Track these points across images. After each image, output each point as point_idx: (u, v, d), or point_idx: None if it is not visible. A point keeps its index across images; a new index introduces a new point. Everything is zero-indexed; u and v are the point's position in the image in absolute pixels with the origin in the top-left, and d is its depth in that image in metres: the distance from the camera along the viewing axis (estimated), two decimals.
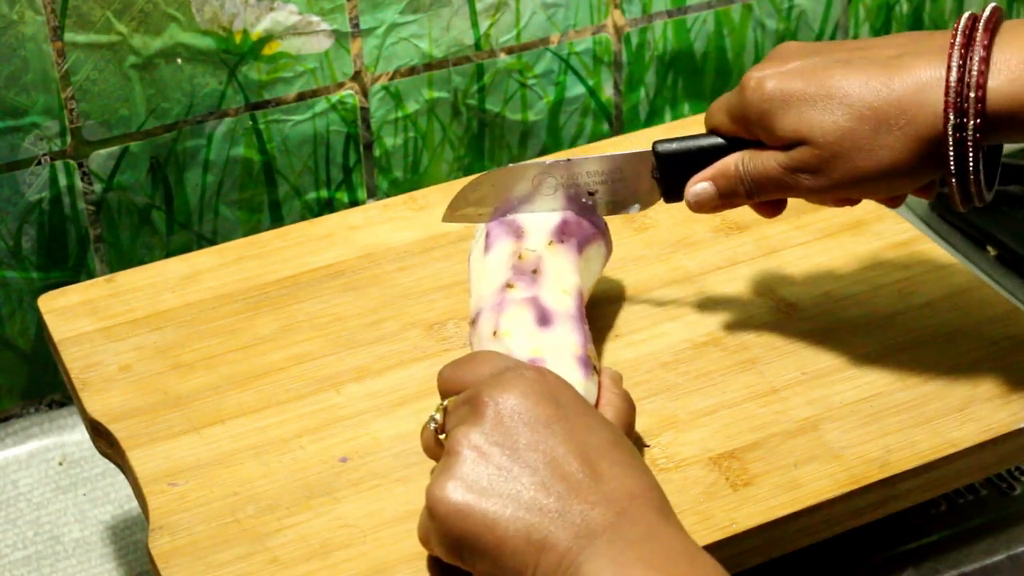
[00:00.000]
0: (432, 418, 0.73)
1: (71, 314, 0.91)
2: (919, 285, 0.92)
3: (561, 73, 1.13)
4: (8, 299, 1.01)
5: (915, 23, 1.25)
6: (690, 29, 1.15)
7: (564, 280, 0.83)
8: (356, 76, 1.06)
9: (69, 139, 0.98)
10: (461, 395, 0.72)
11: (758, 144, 0.80)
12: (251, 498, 0.78)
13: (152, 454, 0.81)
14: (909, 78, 0.74)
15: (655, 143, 0.84)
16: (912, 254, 0.95)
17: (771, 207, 0.83)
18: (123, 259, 1.03)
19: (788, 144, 0.78)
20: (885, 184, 0.77)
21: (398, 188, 1.11)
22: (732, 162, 0.81)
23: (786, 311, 0.90)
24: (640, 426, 0.82)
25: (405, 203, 1.01)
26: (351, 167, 1.09)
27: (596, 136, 1.16)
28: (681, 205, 0.84)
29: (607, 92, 1.15)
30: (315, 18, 1.02)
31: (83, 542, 0.96)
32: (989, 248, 1.13)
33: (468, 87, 1.10)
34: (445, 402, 0.73)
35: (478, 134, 1.12)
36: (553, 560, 0.64)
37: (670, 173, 0.84)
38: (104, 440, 0.84)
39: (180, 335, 0.89)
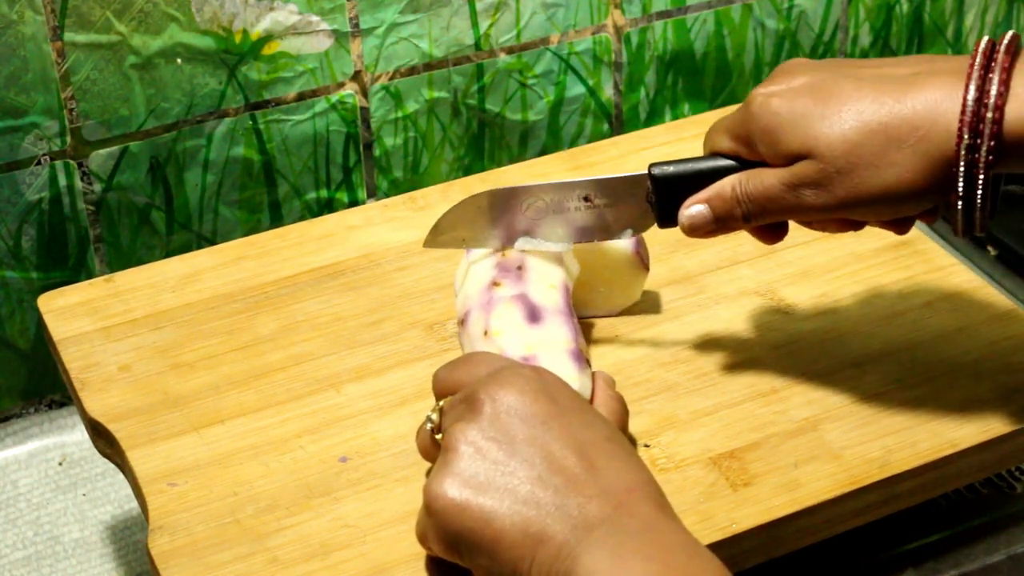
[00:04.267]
0: (428, 418, 0.73)
1: (71, 314, 0.91)
2: (919, 285, 0.92)
3: (561, 73, 1.13)
4: (8, 299, 1.01)
5: (915, 23, 1.25)
6: (690, 29, 1.15)
7: (550, 275, 0.83)
8: (356, 76, 1.06)
9: (69, 139, 0.98)
10: (458, 395, 0.72)
11: (759, 166, 0.78)
12: (251, 498, 0.78)
13: (152, 454, 0.81)
14: (923, 96, 0.72)
15: (651, 165, 0.81)
16: (912, 254, 0.95)
17: (770, 233, 0.80)
18: (123, 259, 1.03)
19: (792, 160, 0.75)
20: (891, 205, 0.74)
21: (398, 188, 1.11)
22: (729, 183, 0.78)
23: (786, 311, 0.90)
24: (640, 426, 0.82)
25: (405, 203, 1.01)
26: (351, 167, 1.08)
27: (596, 136, 1.16)
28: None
29: (607, 92, 1.15)
30: (315, 18, 1.02)
31: (83, 542, 0.96)
32: (989, 248, 1.13)
33: (468, 87, 1.10)
34: (441, 402, 0.73)
35: (478, 134, 1.12)
36: (550, 552, 0.64)
37: (666, 197, 0.80)
38: (104, 440, 0.84)
39: (180, 335, 0.89)
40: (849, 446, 0.80)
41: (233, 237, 1.05)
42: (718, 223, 0.79)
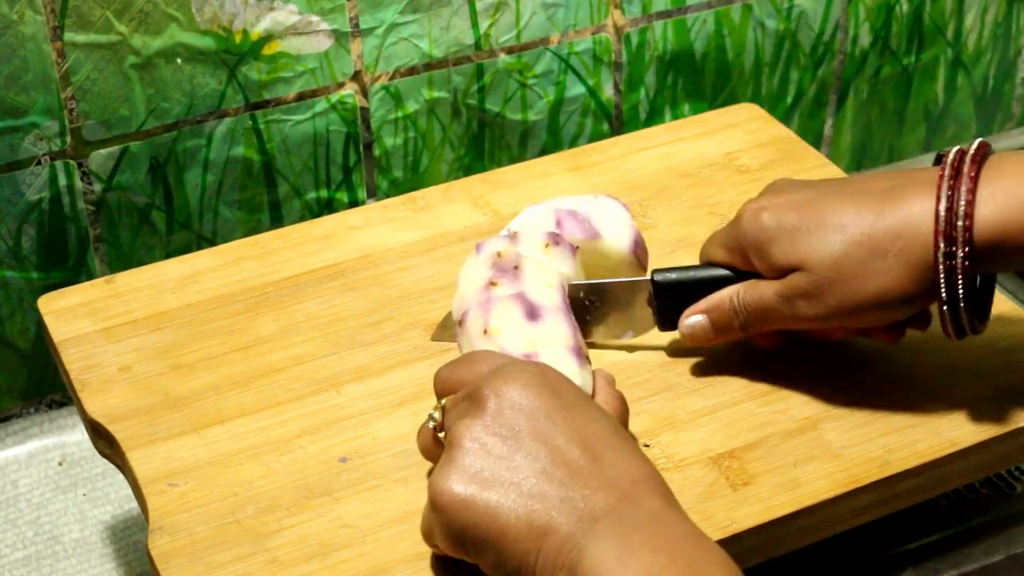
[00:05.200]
0: (431, 416, 0.73)
1: (71, 315, 0.91)
2: None
3: (561, 73, 1.13)
4: (8, 299, 1.01)
5: (915, 23, 1.25)
6: (690, 29, 1.15)
7: (547, 274, 0.83)
8: (356, 76, 1.06)
9: (69, 139, 0.98)
10: (460, 392, 0.72)
11: (754, 275, 0.82)
12: (251, 498, 0.78)
13: (152, 455, 0.81)
14: (901, 208, 0.77)
15: (653, 272, 0.85)
16: None
17: (769, 341, 0.85)
18: (123, 259, 1.03)
19: (784, 272, 0.79)
20: (880, 310, 0.78)
21: (398, 188, 1.11)
22: (727, 295, 0.83)
23: None
24: (640, 426, 0.82)
25: (405, 203, 1.01)
26: (351, 167, 1.09)
27: (596, 136, 1.16)
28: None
29: (607, 92, 1.15)
30: (315, 18, 1.02)
31: (83, 542, 0.96)
32: None
33: (468, 87, 1.10)
34: (443, 401, 0.73)
35: (478, 134, 1.12)
36: (555, 544, 0.65)
37: (667, 302, 0.84)
38: (104, 440, 0.84)
39: (180, 336, 0.89)
40: (849, 446, 0.80)
41: (233, 237, 1.05)
42: (717, 332, 0.83)
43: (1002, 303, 0.90)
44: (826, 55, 1.22)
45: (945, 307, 0.77)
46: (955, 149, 0.77)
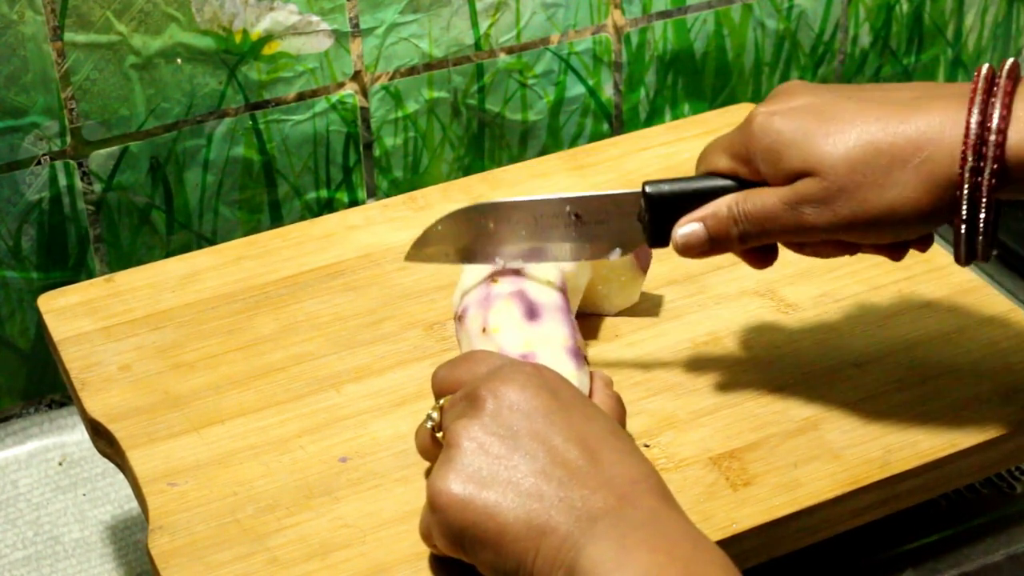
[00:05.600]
0: (429, 416, 0.73)
1: (71, 314, 0.91)
2: (919, 285, 0.92)
3: (561, 73, 1.13)
4: (8, 299, 1.01)
5: (915, 23, 1.25)
6: (690, 29, 1.15)
7: (548, 272, 0.83)
8: (356, 76, 1.06)
9: (69, 139, 0.98)
10: (458, 392, 0.72)
11: (756, 186, 0.76)
12: (251, 498, 0.78)
13: (152, 454, 0.81)
14: (927, 118, 0.72)
15: (645, 183, 0.79)
16: (912, 254, 0.94)
17: (761, 256, 0.79)
18: (123, 259, 1.03)
19: (793, 178, 0.74)
20: (892, 226, 0.74)
21: (398, 188, 1.11)
22: (726, 203, 0.77)
23: (786, 311, 0.90)
24: (640, 426, 0.82)
25: (405, 203, 1.01)
26: (351, 167, 1.08)
27: (596, 136, 1.16)
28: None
29: (607, 92, 1.15)
30: (315, 18, 1.02)
31: (83, 542, 0.96)
32: None
33: (468, 87, 1.10)
34: (441, 401, 0.73)
35: (478, 134, 1.12)
36: (554, 544, 0.65)
37: (658, 216, 0.79)
38: (104, 440, 0.84)
39: (180, 335, 0.89)
40: (849, 446, 0.80)
41: (233, 237, 1.05)
42: (712, 243, 0.78)
43: (1002, 303, 0.90)
44: (826, 55, 1.22)
45: (963, 227, 0.72)
46: (986, 65, 0.72)
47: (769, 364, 0.86)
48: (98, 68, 0.97)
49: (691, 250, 0.78)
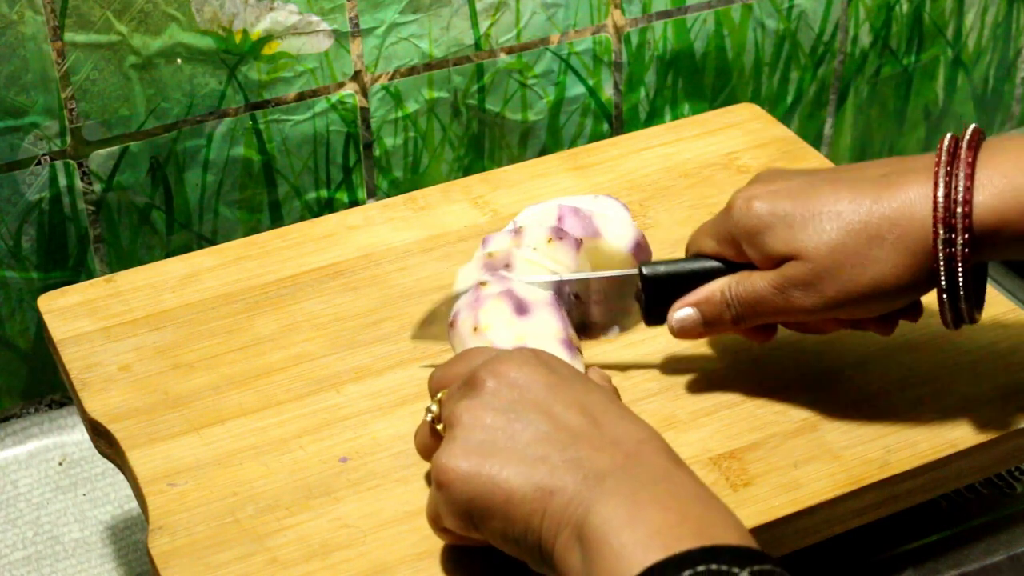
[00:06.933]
0: (428, 409, 0.73)
1: (71, 314, 0.91)
2: None
3: (561, 73, 1.13)
4: (8, 299, 1.01)
5: (915, 23, 1.25)
6: (690, 29, 1.15)
7: (538, 270, 0.84)
8: (356, 76, 1.06)
9: (69, 139, 0.98)
10: (457, 383, 0.72)
11: (745, 267, 0.80)
12: (251, 498, 0.78)
13: (152, 454, 0.81)
14: (898, 194, 0.75)
15: (641, 264, 0.82)
16: None
17: (761, 333, 0.82)
18: (123, 259, 1.03)
19: (778, 262, 0.78)
20: (878, 299, 0.76)
21: (398, 188, 1.11)
22: (718, 287, 0.80)
23: None
24: None
25: (405, 203, 1.01)
26: (351, 167, 1.08)
27: (596, 136, 1.16)
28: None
29: (607, 92, 1.15)
30: (315, 18, 1.02)
31: (83, 542, 0.96)
32: None
33: (468, 87, 1.10)
34: (439, 394, 0.73)
35: (478, 134, 1.12)
36: (561, 503, 0.64)
37: (655, 296, 0.82)
38: (104, 440, 0.84)
39: (180, 335, 0.89)
40: (849, 446, 0.80)
41: (233, 237, 1.05)
42: (707, 326, 0.81)
43: (1002, 304, 0.90)
44: (826, 55, 1.22)
45: (944, 295, 0.75)
46: (948, 136, 0.76)
47: (769, 364, 0.86)
48: (98, 68, 0.97)
49: (687, 333, 0.82)
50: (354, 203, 1.10)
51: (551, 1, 1.09)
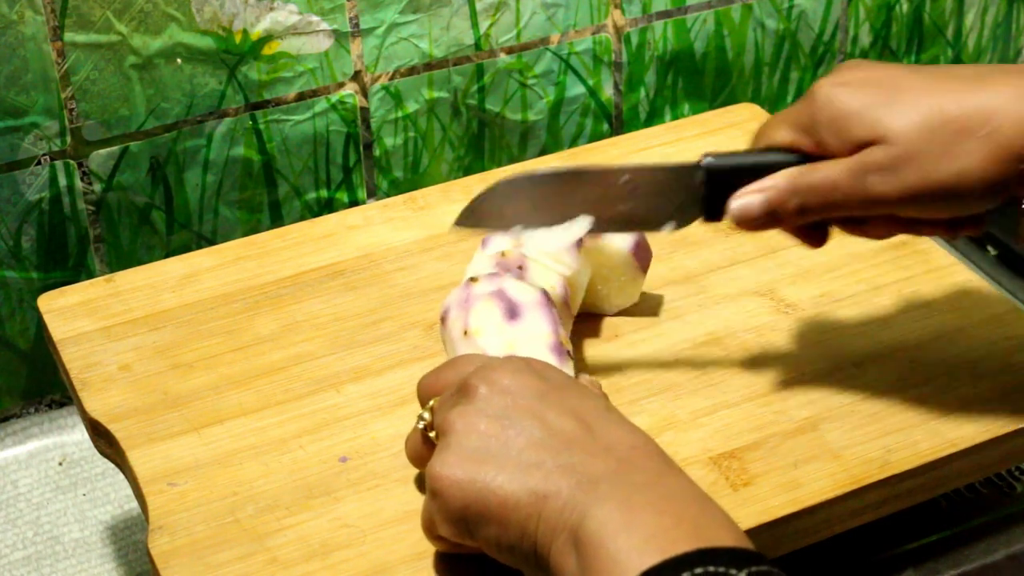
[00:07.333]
0: (420, 417, 0.73)
1: (71, 314, 0.91)
2: (919, 285, 0.92)
3: (561, 73, 1.13)
4: (8, 299, 1.01)
5: (915, 23, 1.25)
6: (690, 29, 1.15)
7: (549, 276, 0.83)
8: (356, 76, 1.06)
9: (69, 139, 0.98)
10: (449, 390, 0.72)
11: (821, 159, 0.75)
12: (251, 498, 0.78)
13: (151, 454, 0.81)
14: (995, 91, 0.72)
15: (704, 155, 0.77)
16: (912, 254, 0.95)
17: (817, 236, 0.78)
18: (123, 259, 1.03)
19: (859, 148, 0.74)
20: (957, 198, 0.73)
21: (398, 188, 1.11)
22: (787, 174, 0.75)
23: (786, 311, 0.90)
24: (640, 426, 0.81)
25: (405, 203, 1.01)
26: (351, 167, 1.08)
27: (596, 136, 1.16)
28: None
29: (607, 92, 1.15)
30: (315, 18, 1.02)
31: (83, 542, 0.96)
32: (989, 248, 1.13)
33: (468, 87, 1.10)
34: (431, 402, 0.73)
35: (478, 134, 1.12)
36: (556, 508, 0.64)
37: (716, 191, 0.77)
38: (104, 440, 0.84)
39: (180, 335, 0.89)
40: (849, 446, 0.80)
41: (233, 237, 1.05)
42: (770, 215, 0.76)
43: (1002, 303, 0.90)
44: (826, 55, 1.22)
45: None
46: None
47: (769, 364, 0.86)
48: (98, 68, 0.97)
49: (748, 222, 0.76)
50: (354, 203, 1.10)
51: (551, 1, 1.09)
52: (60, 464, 1.01)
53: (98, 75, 0.97)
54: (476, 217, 0.80)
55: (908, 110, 0.73)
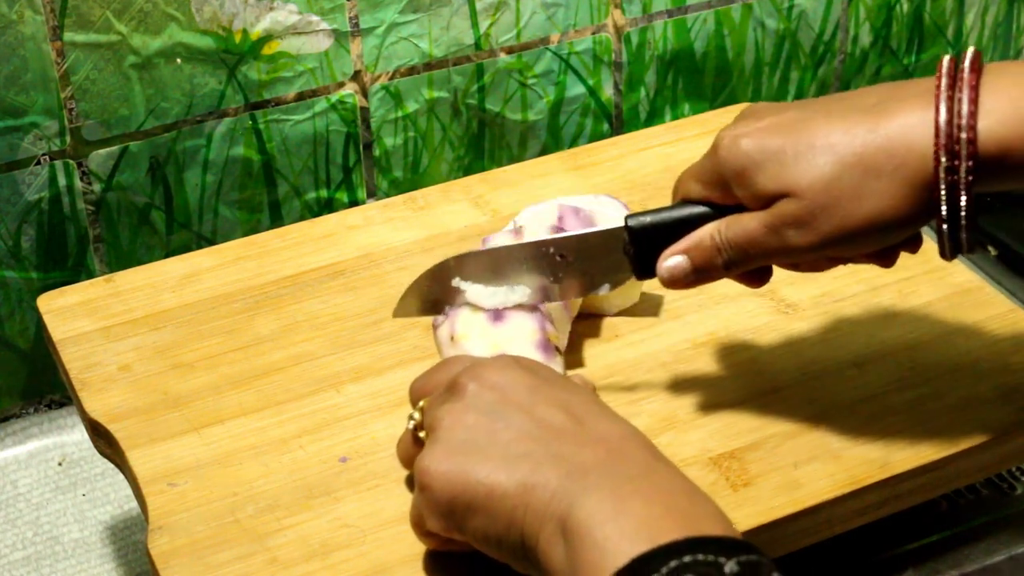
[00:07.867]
0: (410, 417, 0.73)
1: (70, 314, 0.91)
2: (919, 285, 0.92)
3: (561, 73, 1.13)
4: (8, 299, 1.01)
5: (915, 23, 1.25)
6: (690, 29, 1.15)
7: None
8: (356, 76, 1.05)
9: (69, 139, 0.98)
10: (438, 390, 0.72)
11: (734, 211, 0.75)
12: (251, 498, 0.78)
13: (151, 454, 0.81)
14: (895, 122, 0.70)
15: (627, 217, 0.78)
16: (911, 256, 0.94)
17: (755, 278, 0.78)
18: (123, 259, 1.03)
19: (770, 201, 0.73)
20: (876, 235, 0.72)
21: (398, 188, 1.11)
22: (708, 232, 0.75)
23: (786, 311, 0.90)
24: (640, 426, 0.81)
25: (405, 203, 1.01)
26: (351, 167, 1.08)
27: (596, 136, 1.16)
28: None
29: (607, 92, 1.15)
30: (315, 18, 1.02)
31: (82, 542, 0.96)
32: (989, 248, 1.13)
33: (468, 87, 1.10)
34: (421, 403, 0.73)
35: (478, 134, 1.12)
36: (544, 498, 0.64)
37: (643, 249, 0.78)
38: (104, 440, 0.84)
39: (179, 335, 0.89)
40: (849, 446, 0.80)
41: (233, 237, 1.05)
42: (698, 273, 0.77)
43: (1001, 303, 0.90)
44: (826, 55, 1.22)
45: (945, 226, 0.71)
46: (947, 57, 0.71)
47: (769, 364, 0.86)
48: (98, 68, 0.97)
49: (677, 282, 0.77)
50: (354, 203, 1.10)
51: (551, 1, 1.09)
52: (60, 464, 1.01)
53: (98, 75, 0.97)
54: (411, 304, 0.84)
55: (815, 158, 0.71)
